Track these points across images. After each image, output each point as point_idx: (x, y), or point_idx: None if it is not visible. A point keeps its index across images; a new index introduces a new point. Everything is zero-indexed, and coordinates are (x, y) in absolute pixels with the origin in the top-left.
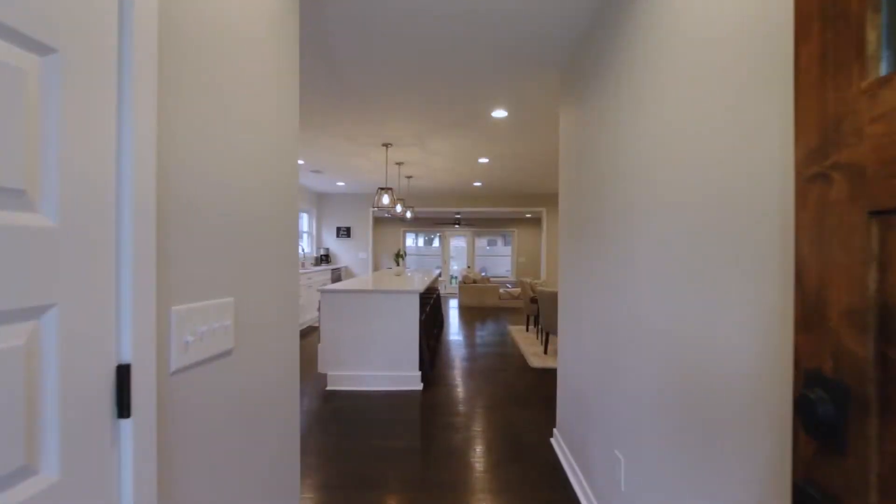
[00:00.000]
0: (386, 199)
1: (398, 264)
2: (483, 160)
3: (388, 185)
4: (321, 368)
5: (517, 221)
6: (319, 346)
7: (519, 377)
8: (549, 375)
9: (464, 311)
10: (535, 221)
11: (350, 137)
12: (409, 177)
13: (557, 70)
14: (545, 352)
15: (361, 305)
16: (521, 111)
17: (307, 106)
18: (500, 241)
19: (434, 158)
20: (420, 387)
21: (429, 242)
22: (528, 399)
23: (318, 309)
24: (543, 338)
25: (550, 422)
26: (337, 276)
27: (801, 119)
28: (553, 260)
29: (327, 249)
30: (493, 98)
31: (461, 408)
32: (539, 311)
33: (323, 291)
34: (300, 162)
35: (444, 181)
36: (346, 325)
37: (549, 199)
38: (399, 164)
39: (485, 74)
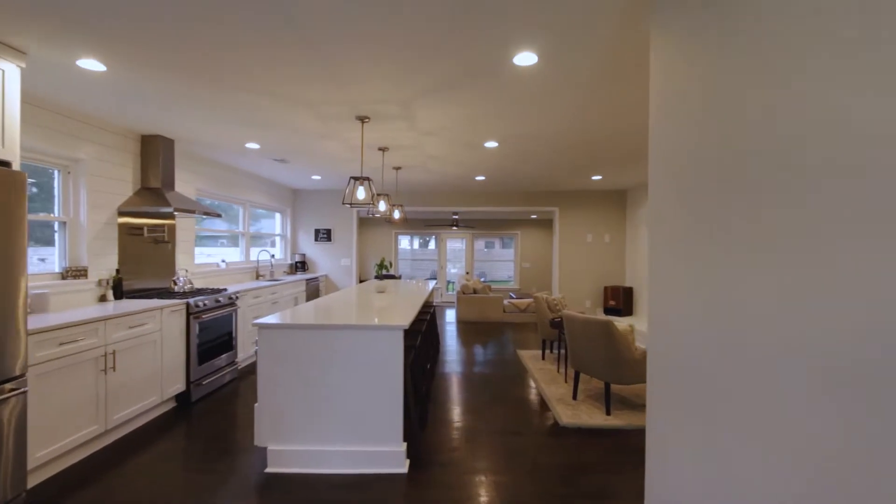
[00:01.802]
0: (362, 193)
1: (381, 276)
2: (491, 144)
3: (368, 176)
4: (258, 440)
5: (521, 223)
6: (256, 407)
7: (548, 447)
8: (593, 443)
9: (463, 327)
10: (543, 223)
11: (311, 105)
12: (397, 168)
13: None
14: (574, 396)
15: (318, 346)
16: (564, 52)
17: (232, 51)
18: (497, 244)
19: (427, 142)
20: (404, 468)
21: (424, 245)
22: (569, 492)
23: (256, 351)
24: (563, 369)
25: None
26: (314, 289)
27: None
28: (568, 268)
29: (304, 255)
30: (517, 30)
31: None
32: (565, 342)
33: (260, 327)
34: (254, 146)
35: (440, 173)
36: (296, 377)
37: (564, 198)
38: (383, 149)
39: None
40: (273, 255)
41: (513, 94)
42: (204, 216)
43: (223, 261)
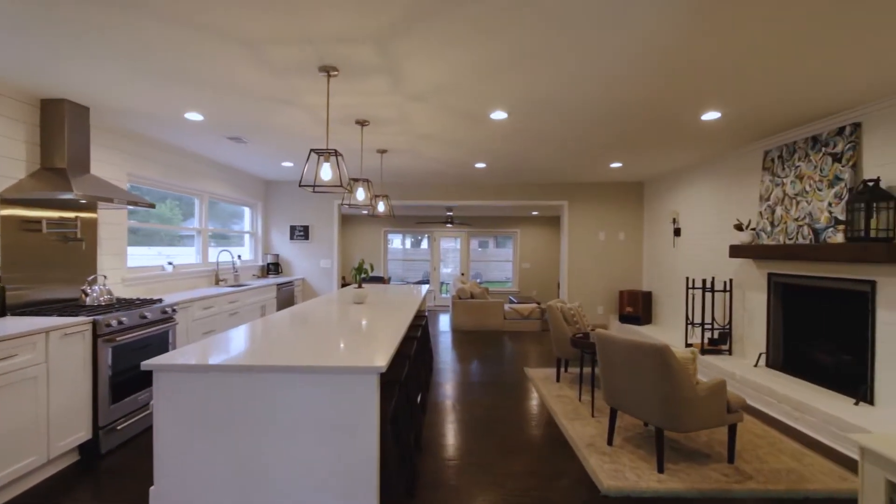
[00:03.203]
0: (328, 173)
1: (360, 283)
2: (498, 115)
3: (332, 150)
4: None
5: (521, 220)
6: (152, 492)
7: None
8: None
9: (459, 337)
10: (544, 221)
11: (252, 45)
12: (381, 151)
13: None
14: (610, 441)
15: (248, 399)
16: None
17: None
18: (491, 244)
19: (417, 112)
20: None
21: (416, 244)
22: None
23: (151, 402)
24: (589, 397)
25: None
26: (287, 295)
27: None
28: (578, 270)
29: (277, 256)
30: None
31: None
32: (591, 364)
33: (156, 370)
34: (196, 117)
35: (433, 159)
36: (214, 447)
37: (574, 191)
38: (361, 123)
39: None
40: (239, 256)
41: (547, 21)
42: (128, 206)
43: (170, 263)
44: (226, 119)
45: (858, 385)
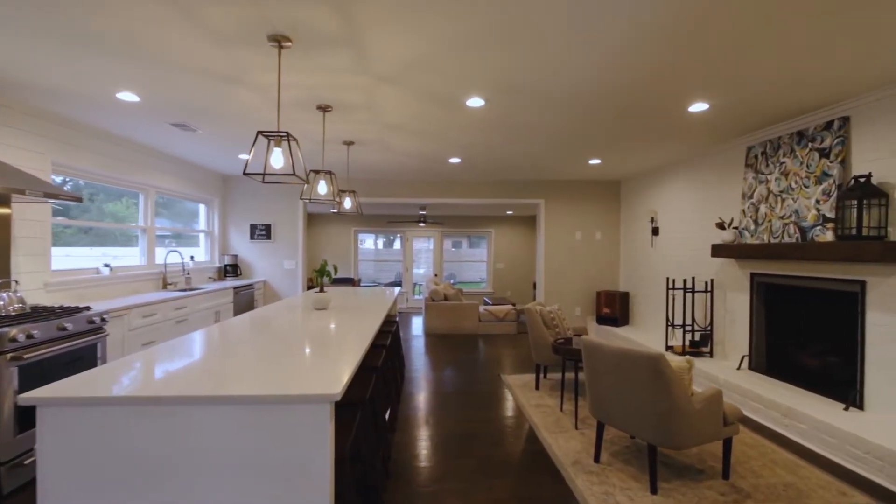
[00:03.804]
0: (279, 161)
1: (322, 287)
2: (475, 101)
3: (284, 133)
4: None
5: (495, 220)
6: None
7: None
8: None
9: (432, 341)
10: (519, 220)
11: (179, 1)
12: (347, 143)
13: None
14: (597, 457)
15: (163, 438)
16: None
17: None
18: (464, 244)
19: (386, 96)
20: None
21: (389, 244)
22: None
23: (36, 446)
24: (572, 407)
25: None
26: (247, 299)
27: None
28: (554, 270)
29: (235, 257)
30: None
31: None
32: (584, 377)
33: (39, 405)
34: (131, 98)
35: (404, 153)
36: (116, 500)
37: (551, 189)
38: (323, 108)
39: None
40: (192, 258)
41: None
42: (47, 199)
43: (107, 265)
44: (165, 101)
45: (848, 389)
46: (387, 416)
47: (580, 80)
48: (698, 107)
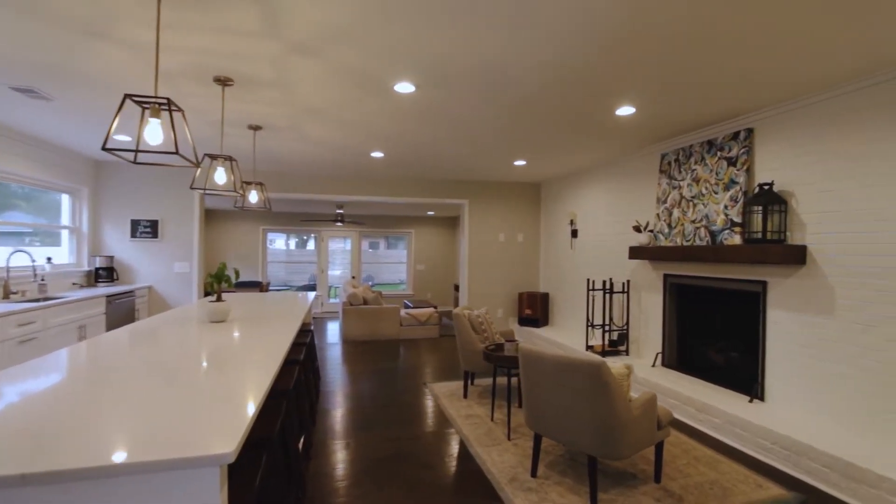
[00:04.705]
0: (158, 135)
1: (219, 295)
2: (404, 86)
3: (164, 99)
4: None
5: (416, 220)
6: None
7: None
8: None
9: (350, 349)
10: (440, 221)
11: None
12: (254, 127)
13: None
14: (534, 472)
15: None
16: None
17: None
18: (382, 245)
19: (300, 70)
20: None
21: (302, 245)
22: None
23: None
24: (504, 415)
25: None
26: (126, 309)
27: None
28: (478, 272)
29: (111, 259)
30: None
31: None
32: (522, 387)
33: None
34: None
35: (323, 143)
36: None
37: (475, 190)
38: (221, 81)
39: None
40: (49, 259)
41: None
42: None
43: None
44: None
45: (751, 383)
46: (300, 446)
47: (520, 69)
48: (626, 110)
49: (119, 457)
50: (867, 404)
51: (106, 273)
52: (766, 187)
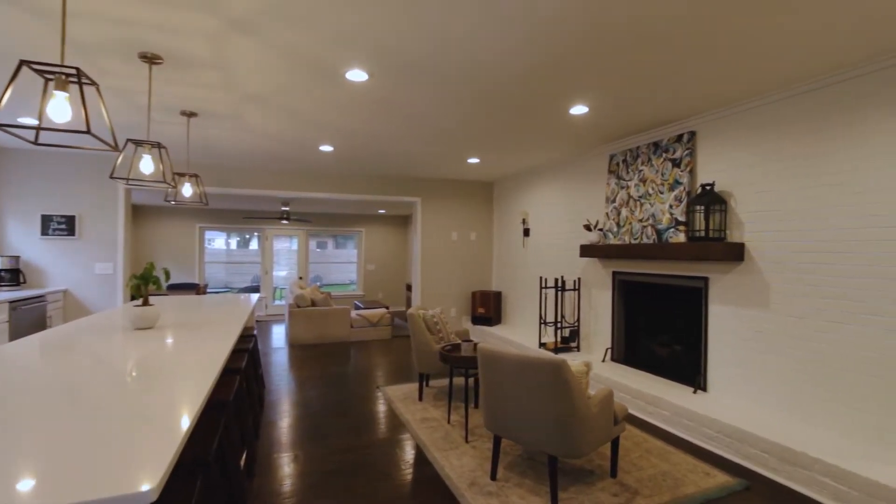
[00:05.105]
0: (66, 112)
1: (146, 299)
2: (357, 74)
3: (73, 69)
4: None
5: (365, 219)
6: None
7: None
8: None
9: (298, 353)
10: (390, 220)
11: None
12: (188, 114)
13: None
14: (494, 475)
15: None
16: None
17: None
18: (330, 244)
19: (241, 50)
20: None
21: (244, 244)
22: None
23: None
24: (461, 416)
25: None
26: (37, 316)
27: None
28: (431, 272)
29: (17, 260)
30: None
31: None
32: (480, 388)
33: None
34: None
35: (266, 135)
36: None
37: (428, 187)
38: (150, 59)
39: None
40: None
41: None
42: None
43: None
44: None
45: (695, 375)
46: (242, 463)
47: (478, 61)
48: (579, 109)
49: (28, 496)
50: (801, 392)
51: (10, 275)
52: (707, 188)
